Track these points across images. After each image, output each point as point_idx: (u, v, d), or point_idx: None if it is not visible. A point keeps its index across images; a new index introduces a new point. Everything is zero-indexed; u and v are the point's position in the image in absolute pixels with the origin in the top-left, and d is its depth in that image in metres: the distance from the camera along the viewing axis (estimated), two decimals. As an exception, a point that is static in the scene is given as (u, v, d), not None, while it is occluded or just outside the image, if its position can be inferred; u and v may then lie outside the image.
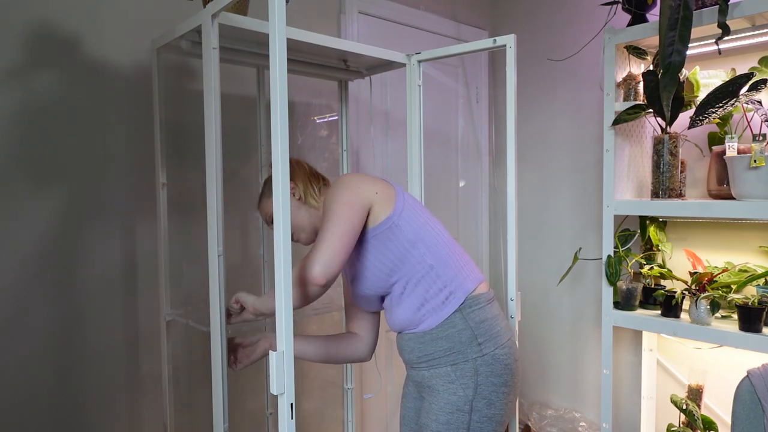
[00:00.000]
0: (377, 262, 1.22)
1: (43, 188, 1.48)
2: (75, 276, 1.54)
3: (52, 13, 1.48)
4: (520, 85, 2.65)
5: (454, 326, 1.20)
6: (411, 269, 1.21)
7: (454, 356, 1.20)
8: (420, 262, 1.21)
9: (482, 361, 1.19)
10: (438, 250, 1.23)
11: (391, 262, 1.21)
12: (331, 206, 1.18)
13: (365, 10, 2.22)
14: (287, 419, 0.91)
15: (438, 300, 1.21)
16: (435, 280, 1.21)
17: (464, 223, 2.74)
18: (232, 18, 1.25)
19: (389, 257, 1.21)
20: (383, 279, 1.23)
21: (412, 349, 1.25)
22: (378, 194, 1.22)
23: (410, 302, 1.23)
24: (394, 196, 1.24)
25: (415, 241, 1.21)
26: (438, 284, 1.21)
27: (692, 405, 1.85)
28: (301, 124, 2.04)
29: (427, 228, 1.24)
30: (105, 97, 1.58)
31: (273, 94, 0.89)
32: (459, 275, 1.23)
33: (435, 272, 1.21)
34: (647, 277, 1.93)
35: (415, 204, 1.28)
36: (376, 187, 1.23)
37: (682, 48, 1.51)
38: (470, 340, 1.20)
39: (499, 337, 1.23)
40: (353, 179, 1.24)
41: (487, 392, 1.18)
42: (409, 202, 1.26)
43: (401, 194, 1.26)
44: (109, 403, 1.61)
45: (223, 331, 1.22)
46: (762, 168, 1.57)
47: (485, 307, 1.24)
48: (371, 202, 1.21)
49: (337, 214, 1.16)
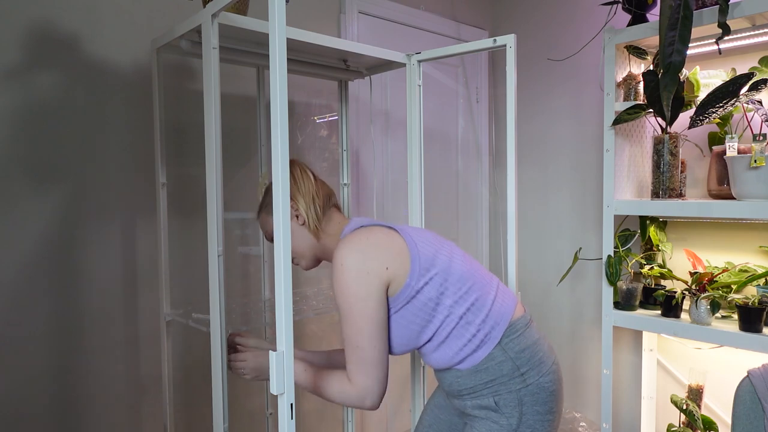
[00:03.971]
0: (403, 329, 1.14)
1: (42, 188, 1.48)
2: (75, 276, 1.54)
3: (52, 13, 1.48)
4: (520, 85, 2.65)
5: (493, 359, 1.13)
6: (440, 325, 1.13)
7: (496, 388, 1.13)
8: (449, 315, 1.13)
9: (526, 391, 1.13)
10: (466, 296, 1.14)
11: (418, 325, 1.14)
12: (343, 307, 1.08)
13: (365, 10, 2.21)
14: (287, 419, 0.90)
15: (474, 344, 1.14)
16: (467, 328, 1.13)
17: (464, 223, 2.74)
18: (232, 18, 1.25)
19: (416, 321, 1.13)
20: (412, 342, 1.16)
21: (451, 383, 1.19)
22: (389, 269, 1.10)
23: (445, 351, 1.15)
24: (407, 256, 1.12)
25: (439, 297, 1.13)
26: (471, 330, 1.13)
27: (692, 405, 1.85)
28: (301, 124, 2.04)
29: (450, 272, 1.14)
30: (105, 97, 1.58)
31: (273, 94, 0.89)
32: (492, 312, 1.15)
33: (466, 320, 1.13)
34: (647, 277, 1.93)
35: (430, 247, 1.16)
36: (385, 260, 1.10)
37: (683, 48, 1.51)
38: (512, 371, 1.13)
39: (543, 365, 1.16)
40: (357, 261, 1.09)
41: (532, 421, 1.13)
42: (423, 251, 1.14)
43: (414, 247, 1.14)
44: (109, 403, 1.61)
45: (223, 331, 1.22)
46: (762, 168, 1.57)
47: (524, 334, 1.16)
48: (386, 281, 1.10)
49: (355, 319, 1.07)
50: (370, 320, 1.08)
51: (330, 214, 1.27)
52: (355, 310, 1.08)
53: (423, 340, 1.16)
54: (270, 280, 1.82)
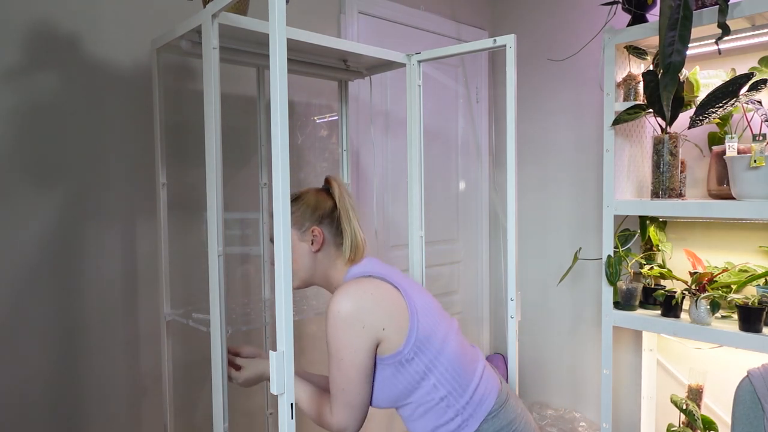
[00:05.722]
0: (384, 387, 1.14)
1: (43, 188, 1.48)
2: (75, 276, 1.54)
3: (52, 13, 1.48)
4: (520, 85, 2.65)
5: None
6: (421, 399, 1.14)
7: None
8: (430, 393, 1.13)
9: None
10: (452, 377, 1.14)
11: (399, 390, 1.14)
12: (333, 352, 1.10)
13: (365, 10, 2.21)
14: (287, 419, 0.90)
15: (452, 427, 1.13)
16: (446, 410, 1.13)
17: (464, 223, 2.74)
18: (232, 18, 1.25)
19: (398, 387, 1.13)
20: (391, 401, 1.16)
21: None
22: (385, 330, 1.10)
23: (423, 424, 1.15)
24: (406, 323, 1.12)
25: (426, 373, 1.12)
26: (450, 413, 1.13)
27: (692, 405, 1.85)
28: (301, 124, 2.04)
29: (442, 353, 1.14)
30: (105, 97, 1.58)
31: (273, 94, 0.89)
32: (474, 398, 1.15)
33: (446, 403, 1.13)
34: (647, 277, 1.93)
35: (430, 321, 1.16)
36: (383, 321, 1.10)
37: (682, 48, 1.51)
38: None
39: None
40: (353, 312, 1.09)
41: None
42: (423, 323, 1.14)
43: (414, 316, 1.13)
44: (109, 403, 1.61)
45: (223, 331, 1.22)
46: (762, 168, 1.57)
47: (499, 414, 1.16)
48: (378, 339, 1.10)
49: (343, 367, 1.09)
50: (357, 370, 1.10)
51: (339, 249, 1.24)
52: (345, 358, 1.09)
53: (401, 404, 1.17)
54: (270, 280, 1.82)
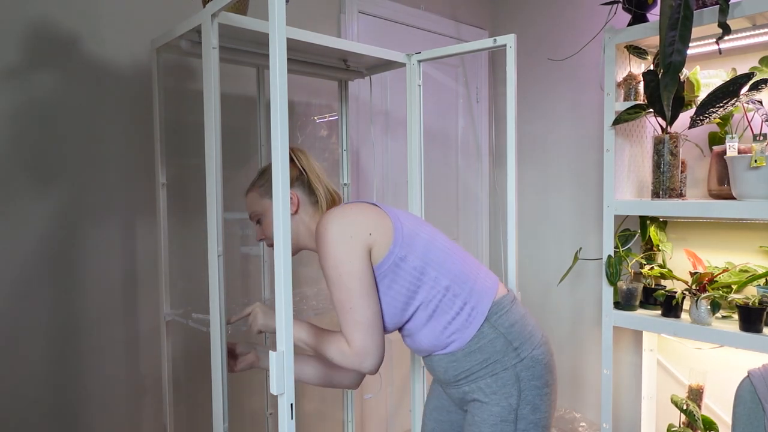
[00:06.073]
0: (389, 299, 1.14)
1: (42, 188, 1.48)
2: (75, 276, 1.54)
3: (52, 12, 1.48)
4: (520, 84, 2.65)
5: (485, 337, 1.14)
6: (426, 296, 1.14)
7: (492, 366, 1.14)
8: (434, 287, 1.14)
9: (522, 366, 1.14)
10: (450, 267, 1.16)
11: (404, 295, 1.14)
12: (331, 274, 1.10)
13: (365, 9, 2.21)
14: (287, 419, 0.90)
15: (461, 318, 1.14)
16: (454, 300, 1.15)
17: (464, 223, 2.74)
18: (232, 18, 1.25)
19: (401, 291, 1.14)
20: (399, 314, 1.16)
21: (446, 369, 1.18)
22: (372, 234, 1.12)
23: (433, 327, 1.16)
24: (390, 227, 1.14)
25: (423, 267, 1.14)
26: (458, 303, 1.15)
27: (693, 405, 1.85)
28: (301, 124, 2.04)
29: (432, 248, 1.16)
30: (105, 97, 1.58)
31: (273, 94, 0.89)
32: (477, 286, 1.17)
33: (452, 292, 1.15)
34: (647, 277, 1.93)
35: (413, 224, 1.19)
36: (368, 227, 1.12)
37: (683, 48, 1.51)
38: (505, 347, 1.14)
39: (533, 337, 1.17)
40: (339, 227, 1.11)
41: (531, 397, 1.13)
42: (407, 225, 1.17)
43: (397, 220, 1.16)
44: (109, 403, 1.61)
45: (223, 331, 1.22)
46: (762, 168, 1.56)
47: (511, 309, 1.18)
48: (368, 245, 1.11)
49: (343, 282, 1.08)
50: (358, 280, 1.09)
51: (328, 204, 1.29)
52: (343, 273, 1.08)
53: (410, 312, 1.16)
54: (270, 280, 1.82)
